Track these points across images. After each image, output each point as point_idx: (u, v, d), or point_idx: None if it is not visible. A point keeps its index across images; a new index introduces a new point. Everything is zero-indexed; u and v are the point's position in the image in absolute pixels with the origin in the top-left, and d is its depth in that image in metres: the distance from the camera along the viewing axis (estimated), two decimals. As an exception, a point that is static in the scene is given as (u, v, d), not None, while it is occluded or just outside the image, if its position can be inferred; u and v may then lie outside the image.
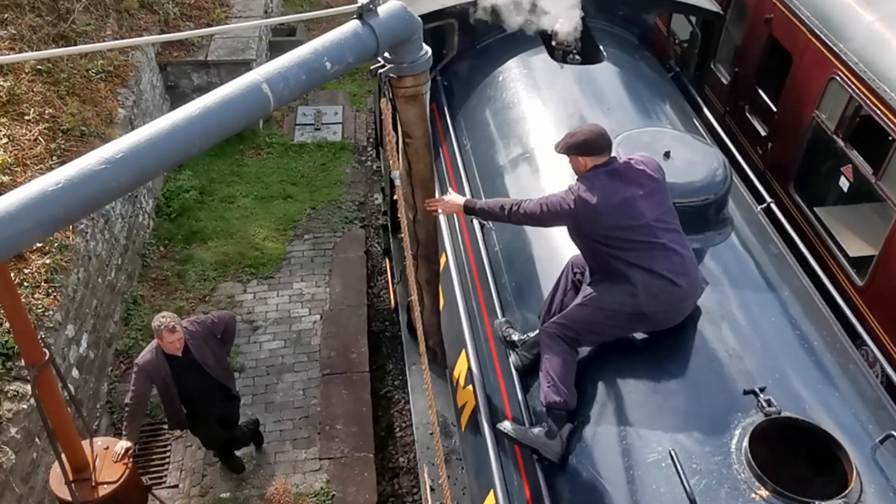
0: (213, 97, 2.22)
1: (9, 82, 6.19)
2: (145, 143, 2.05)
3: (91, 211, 2.16)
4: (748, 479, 2.65)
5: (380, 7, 2.62)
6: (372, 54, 2.60)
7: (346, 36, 2.53)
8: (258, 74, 2.33)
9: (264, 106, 2.32)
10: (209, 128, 2.19)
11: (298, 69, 2.40)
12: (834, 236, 5.32)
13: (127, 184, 2.02)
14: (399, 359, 6.60)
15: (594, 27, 5.38)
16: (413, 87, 2.86)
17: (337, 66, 2.50)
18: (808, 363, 3.25)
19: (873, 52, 4.87)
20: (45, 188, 1.88)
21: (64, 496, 4.11)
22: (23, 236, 1.85)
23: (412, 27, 2.71)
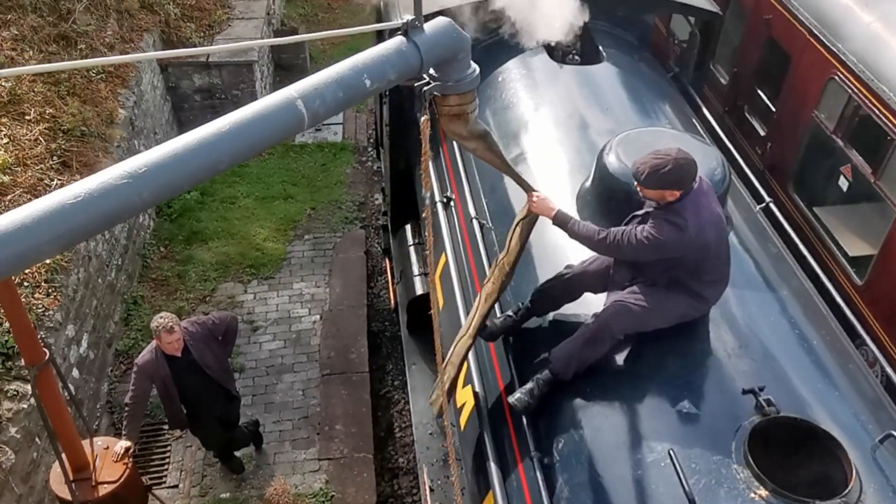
0: (244, 112, 2.13)
1: (10, 82, 6.20)
2: (170, 158, 1.96)
3: (111, 226, 2.05)
4: (747, 478, 2.65)
5: (427, 23, 2.50)
6: (415, 72, 2.48)
7: (388, 52, 2.41)
8: (293, 90, 2.22)
9: (298, 123, 2.21)
10: (239, 144, 2.09)
11: (336, 86, 2.27)
12: (833, 236, 5.32)
13: (149, 199, 1.93)
14: (399, 359, 6.60)
15: (594, 28, 5.39)
16: (458, 107, 2.70)
17: (377, 84, 2.38)
18: (808, 363, 3.25)
19: (872, 53, 4.88)
20: (64, 201, 1.79)
21: (64, 496, 4.12)
22: (38, 250, 1.77)
23: (460, 45, 2.55)
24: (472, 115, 2.77)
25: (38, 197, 5.87)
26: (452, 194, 4.65)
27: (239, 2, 9.51)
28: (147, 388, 4.64)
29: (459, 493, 3.39)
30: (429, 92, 2.64)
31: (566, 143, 4.40)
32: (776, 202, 4.64)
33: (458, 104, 2.69)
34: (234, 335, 5.02)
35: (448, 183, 4.82)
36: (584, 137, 4.39)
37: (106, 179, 1.85)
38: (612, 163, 3.67)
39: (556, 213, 3.14)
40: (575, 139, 4.40)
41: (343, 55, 9.21)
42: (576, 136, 4.42)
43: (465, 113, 2.74)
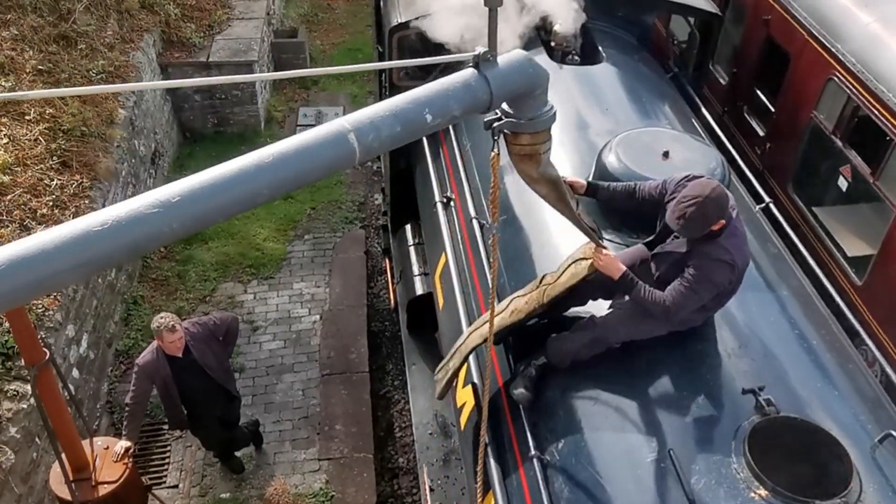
0: (291, 143, 1.98)
1: (10, 82, 6.20)
2: (206, 188, 1.84)
3: (137, 256, 1.96)
4: (747, 478, 2.65)
5: (502, 56, 2.30)
6: (483, 108, 2.31)
7: (454, 86, 2.22)
8: (346, 122, 2.05)
9: (348, 157, 2.05)
10: (281, 177, 1.94)
11: (393, 119, 2.10)
12: (832, 236, 5.32)
13: (180, 230, 1.82)
14: (399, 359, 6.60)
15: (593, 28, 5.39)
16: (530, 146, 2.50)
17: (439, 120, 2.20)
18: (807, 362, 3.26)
19: (871, 53, 4.88)
20: (90, 227, 1.70)
21: (64, 496, 4.12)
22: (57, 277, 1.68)
23: (536, 81, 2.36)
24: (544, 157, 2.58)
25: (37, 197, 5.89)
26: (452, 194, 4.65)
27: (239, 2, 9.51)
28: (147, 388, 4.64)
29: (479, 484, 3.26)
30: (498, 129, 2.45)
31: (566, 143, 4.40)
32: (775, 202, 4.64)
33: (529, 144, 2.49)
34: (235, 336, 5.02)
35: (448, 183, 4.82)
36: (583, 137, 4.39)
37: (136, 207, 1.75)
38: (611, 163, 3.67)
39: (622, 275, 2.98)
40: (575, 139, 4.40)
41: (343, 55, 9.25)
42: (575, 137, 4.42)
43: (537, 153, 2.54)
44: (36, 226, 5.45)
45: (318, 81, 10.24)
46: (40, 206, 5.59)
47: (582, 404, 3.14)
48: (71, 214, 5.72)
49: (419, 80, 5.67)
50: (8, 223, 5.32)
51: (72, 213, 5.73)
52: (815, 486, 2.62)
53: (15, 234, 5.25)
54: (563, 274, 3.21)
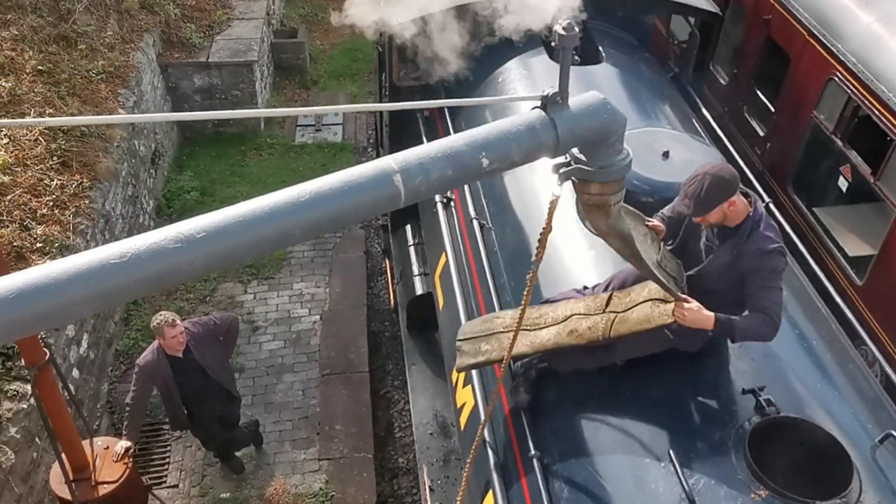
0: (329, 181, 1.85)
1: (10, 83, 6.20)
2: (233, 224, 1.71)
3: (154, 290, 1.82)
4: (747, 478, 2.65)
5: (575, 99, 2.12)
6: (548, 154, 2.14)
7: (516, 128, 2.04)
8: (393, 161, 1.90)
9: (391, 200, 1.89)
10: (316, 217, 1.81)
11: (445, 162, 1.94)
12: (833, 236, 5.32)
13: (202, 268, 1.71)
14: (398, 359, 6.60)
15: (593, 28, 5.39)
16: (599, 196, 2.27)
17: (497, 164, 2.01)
18: (808, 363, 3.26)
19: (871, 53, 4.88)
20: (108, 259, 1.61)
21: (64, 496, 4.12)
22: (68, 308, 1.60)
23: (611, 128, 2.16)
24: (614, 208, 2.35)
25: (37, 197, 5.88)
26: (452, 194, 4.65)
27: (239, 2, 9.51)
28: (148, 388, 4.64)
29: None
30: (564, 176, 2.24)
31: (566, 143, 4.40)
32: (776, 202, 4.64)
33: (599, 193, 2.26)
34: (235, 336, 5.02)
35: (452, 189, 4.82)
36: (583, 138, 4.38)
37: (157, 241, 1.65)
38: (611, 163, 3.66)
39: (716, 322, 2.78)
40: (575, 139, 4.40)
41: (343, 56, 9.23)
42: (576, 137, 4.42)
43: (606, 205, 2.31)
44: (36, 226, 5.45)
45: (319, 81, 10.24)
46: (40, 206, 5.59)
47: (582, 405, 3.13)
48: (71, 214, 5.72)
49: (419, 79, 5.70)
50: (8, 223, 5.32)
51: (72, 213, 5.73)
52: (815, 486, 2.62)
53: (15, 234, 5.26)
54: (637, 309, 2.93)
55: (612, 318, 2.96)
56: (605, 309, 3.02)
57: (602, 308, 3.03)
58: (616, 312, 2.97)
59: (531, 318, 3.18)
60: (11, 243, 5.16)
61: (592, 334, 2.98)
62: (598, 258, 3.63)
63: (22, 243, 5.26)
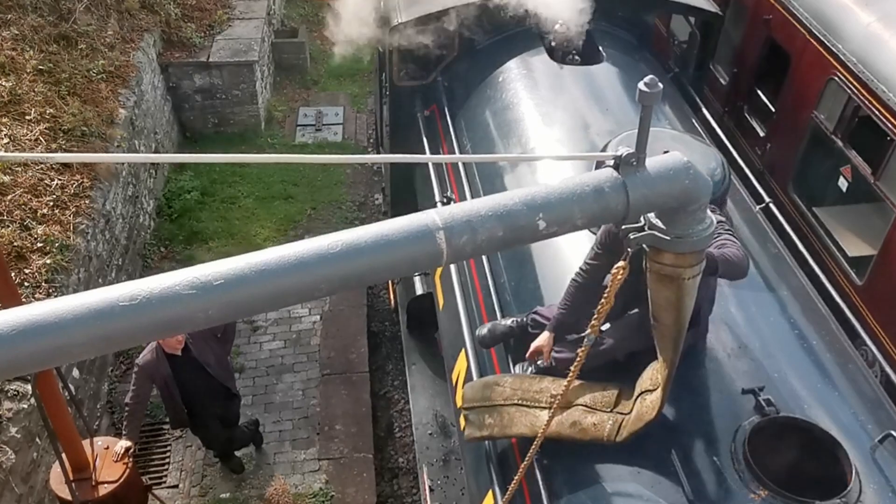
0: (364, 232, 1.65)
1: (10, 82, 6.20)
2: (254, 273, 1.55)
3: (161, 337, 1.68)
4: (747, 478, 2.65)
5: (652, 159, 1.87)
6: (616, 220, 1.88)
7: (581, 189, 1.80)
8: (437, 217, 1.69)
9: (432, 258, 1.69)
10: (346, 272, 1.62)
11: (496, 221, 1.70)
12: (833, 236, 5.32)
13: (217, 317, 1.57)
14: (398, 359, 6.60)
15: (594, 28, 5.39)
16: (671, 267, 1.98)
17: (555, 228, 1.77)
18: (807, 363, 3.25)
19: (872, 53, 4.88)
20: (117, 301, 1.49)
21: (64, 495, 4.12)
22: (68, 350, 1.48)
23: (693, 195, 1.86)
24: (687, 283, 2.02)
25: (38, 197, 5.87)
26: (452, 194, 4.65)
27: (239, 2, 9.51)
28: (148, 388, 4.64)
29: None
30: (636, 241, 1.96)
31: (566, 143, 4.41)
32: (776, 202, 4.64)
33: (672, 264, 1.98)
34: (233, 333, 5.02)
35: (448, 183, 4.82)
36: (584, 137, 4.39)
37: (171, 285, 1.54)
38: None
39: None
40: (575, 139, 4.40)
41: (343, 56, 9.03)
42: (576, 136, 4.42)
43: (679, 278, 2.01)
44: (36, 225, 5.45)
45: (319, 81, 10.25)
46: (41, 206, 5.59)
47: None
48: (71, 214, 5.73)
49: (419, 79, 5.71)
50: (9, 223, 5.33)
51: (72, 213, 5.74)
52: (815, 486, 2.62)
53: (15, 234, 5.26)
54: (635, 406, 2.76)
55: (620, 421, 2.77)
56: (614, 408, 2.81)
57: (611, 405, 2.82)
58: (623, 414, 2.78)
59: (531, 392, 3.03)
60: (12, 243, 5.17)
61: (597, 432, 2.81)
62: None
63: (22, 243, 5.26)
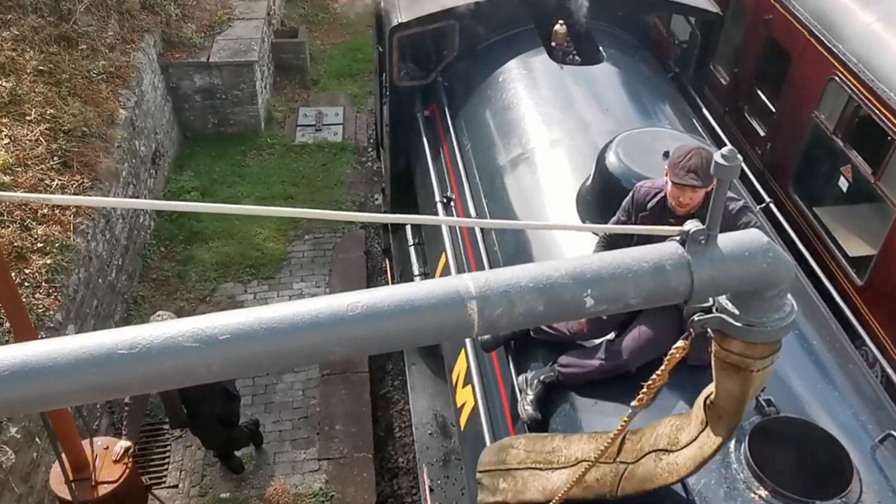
0: (387, 294, 1.50)
1: (10, 83, 6.20)
2: (264, 330, 1.45)
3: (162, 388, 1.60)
4: (747, 478, 2.64)
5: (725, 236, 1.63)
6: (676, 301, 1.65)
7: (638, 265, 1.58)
8: (472, 283, 1.50)
9: (461, 329, 1.51)
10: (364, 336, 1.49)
11: (537, 294, 1.52)
12: (833, 236, 5.32)
13: (220, 373, 1.46)
14: (398, 359, 6.60)
15: (594, 28, 5.39)
16: (739, 356, 1.76)
17: (604, 306, 1.56)
18: (808, 363, 3.25)
19: (872, 53, 4.88)
20: (115, 347, 1.41)
21: (64, 495, 4.12)
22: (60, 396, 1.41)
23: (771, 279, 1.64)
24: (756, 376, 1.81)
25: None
26: (452, 194, 4.65)
27: (239, 2, 9.51)
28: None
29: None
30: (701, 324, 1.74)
31: (566, 143, 4.40)
32: (776, 202, 4.63)
33: (739, 353, 1.76)
34: None
35: (448, 183, 4.82)
36: (584, 137, 4.39)
37: (173, 335, 1.45)
38: (612, 163, 3.67)
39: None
40: (575, 139, 4.40)
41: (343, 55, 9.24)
42: (576, 136, 4.42)
43: (747, 369, 1.80)
44: (36, 226, 5.46)
45: (319, 81, 10.25)
46: (41, 206, 5.59)
47: (581, 405, 3.13)
48: (71, 214, 5.73)
49: (419, 79, 5.71)
50: (9, 223, 5.33)
51: (72, 213, 5.74)
52: (815, 486, 2.62)
53: (15, 234, 5.26)
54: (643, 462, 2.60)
55: (622, 472, 2.65)
56: (616, 458, 2.69)
57: (613, 456, 2.70)
58: (626, 464, 2.64)
59: (543, 454, 2.90)
60: (12, 243, 5.17)
61: (601, 488, 2.69)
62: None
63: (22, 243, 5.26)
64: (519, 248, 4.02)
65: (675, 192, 2.90)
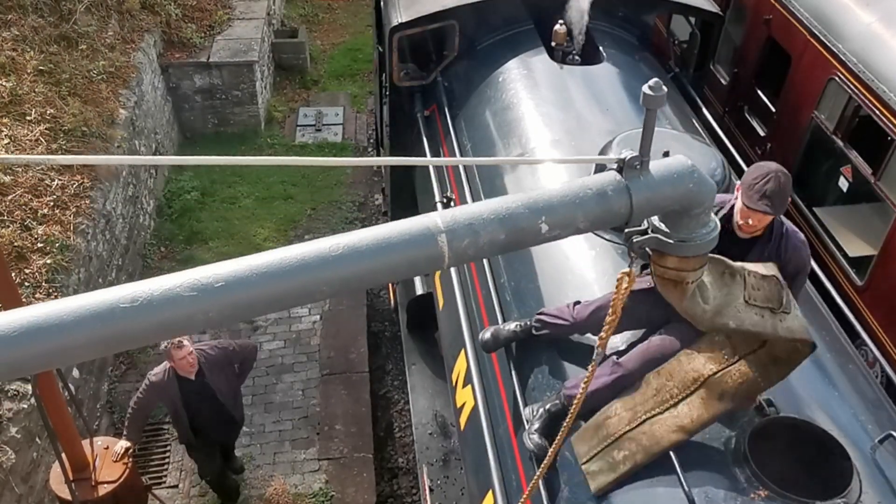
0: (365, 235, 1.69)
1: (11, 83, 6.21)
2: (256, 275, 1.58)
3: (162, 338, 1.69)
4: (747, 478, 2.64)
5: (656, 162, 1.87)
6: (618, 223, 1.90)
7: (584, 192, 1.81)
8: (439, 220, 1.71)
9: (433, 261, 1.72)
10: (347, 274, 1.65)
11: (498, 224, 1.73)
12: (833, 236, 5.32)
13: (217, 319, 1.59)
14: (398, 359, 6.60)
15: (594, 28, 5.39)
16: (675, 271, 2.04)
17: (558, 231, 1.80)
18: (808, 363, 3.23)
19: (872, 53, 4.88)
20: (117, 302, 1.50)
21: (64, 495, 4.13)
22: (70, 352, 1.50)
23: (697, 198, 1.90)
24: (690, 286, 2.09)
25: (38, 197, 5.88)
26: (452, 194, 4.65)
27: (239, 2, 9.52)
28: (154, 402, 4.56)
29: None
30: (639, 245, 1.99)
31: (566, 143, 4.40)
32: (776, 202, 4.61)
33: (675, 268, 2.02)
34: (251, 366, 4.90)
35: (448, 183, 4.82)
36: (584, 137, 4.39)
37: (172, 287, 1.55)
38: (612, 163, 3.67)
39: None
40: (575, 139, 4.40)
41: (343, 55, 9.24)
42: (576, 136, 4.42)
43: (683, 282, 2.07)
44: (37, 226, 5.46)
45: (319, 81, 10.25)
46: (41, 206, 5.59)
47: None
48: (71, 214, 5.73)
49: (419, 79, 5.71)
50: (9, 223, 5.33)
51: (72, 213, 5.74)
52: (815, 486, 2.62)
53: (16, 234, 5.26)
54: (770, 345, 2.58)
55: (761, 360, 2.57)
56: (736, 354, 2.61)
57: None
58: (753, 351, 2.58)
59: (650, 399, 2.73)
60: (12, 243, 5.17)
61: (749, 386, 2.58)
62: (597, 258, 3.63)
63: (23, 243, 5.27)
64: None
65: (746, 214, 2.71)
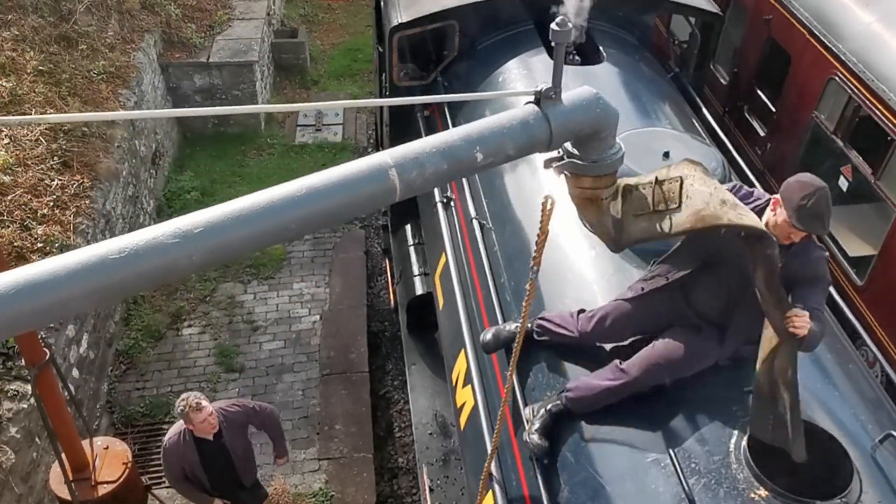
0: (325, 176, 1.89)
1: (10, 83, 6.21)
2: (230, 220, 1.76)
3: (153, 286, 1.93)
4: (747, 478, 2.64)
5: (567, 93, 2.19)
6: (542, 149, 2.21)
7: (510, 123, 2.14)
8: (389, 156, 1.96)
9: (387, 194, 1.95)
10: (312, 212, 1.86)
11: (440, 157, 2.00)
12: (833, 236, 5.32)
13: (199, 262, 1.75)
14: (398, 359, 6.60)
15: (594, 28, 5.39)
16: (591, 190, 2.36)
17: (491, 159, 2.10)
18: (808, 363, 3.24)
19: (872, 53, 4.88)
20: (106, 254, 1.63)
21: (64, 495, 4.13)
22: (67, 304, 1.62)
23: (604, 122, 2.24)
24: (605, 202, 2.40)
25: (38, 197, 5.89)
26: (452, 194, 4.65)
27: (239, 2, 9.52)
28: (178, 469, 4.22)
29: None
30: (559, 169, 2.33)
31: (566, 143, 4.40)
32: (776, 202, 4.61)
33: (591, 187, 2.35)
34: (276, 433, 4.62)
35: (448, 183, 4.82)
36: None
37: (156, 236, 1.69)
38: (611, 163, 3.66)
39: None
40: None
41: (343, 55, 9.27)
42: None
43: (598, 198, 2.38)
44: (36, 226, 5.46)
45: (319, 81, 10.25)
46: (41, 206, 5.59)
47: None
48: (71, 214, 5.73)
49: (419, 79, 5.71)
50: (9, 223, 5.33)
51: (72, 213, 5.74)
52: (815, 486, 2.62)
53: (16, 234, 5.26)
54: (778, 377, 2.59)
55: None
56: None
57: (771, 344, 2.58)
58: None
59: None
60: (12, 243, 5.17)
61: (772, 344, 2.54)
62: (597, 258, 3.63)
63: (22, 243, 5.26)
64: (519, 247, 4.02)
65: (788, 230, 2.70)
